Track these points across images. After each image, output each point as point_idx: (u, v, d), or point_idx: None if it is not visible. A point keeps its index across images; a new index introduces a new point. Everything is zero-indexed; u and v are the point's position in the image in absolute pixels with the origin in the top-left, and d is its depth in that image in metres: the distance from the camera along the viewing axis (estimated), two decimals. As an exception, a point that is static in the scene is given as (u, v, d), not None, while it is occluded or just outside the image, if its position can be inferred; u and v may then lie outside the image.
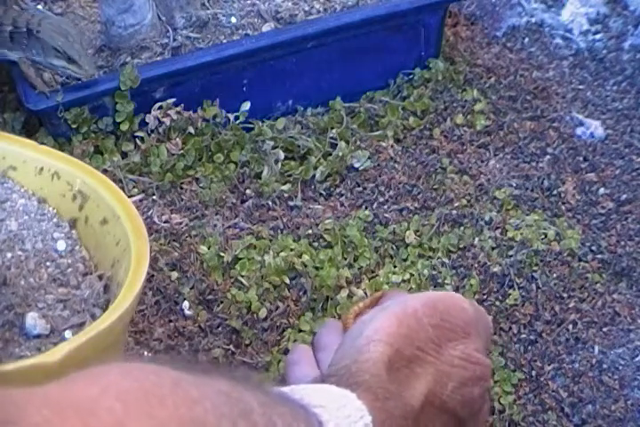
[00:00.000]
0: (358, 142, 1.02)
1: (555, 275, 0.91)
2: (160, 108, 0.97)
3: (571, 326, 0.88)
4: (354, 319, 0.82)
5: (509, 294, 0.89)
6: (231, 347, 0.85)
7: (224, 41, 1.02)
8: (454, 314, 0.68)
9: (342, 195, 0.98)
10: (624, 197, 1.00)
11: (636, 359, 0.86)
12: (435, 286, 0.89)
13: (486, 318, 0.72)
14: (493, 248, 0.92)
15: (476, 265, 0.91)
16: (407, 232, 0.93)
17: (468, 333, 0.67)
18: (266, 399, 0.49)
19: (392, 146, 1.02)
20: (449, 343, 0.66)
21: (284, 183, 0.98)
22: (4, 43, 0.95)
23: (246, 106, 1.01)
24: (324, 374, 0.63)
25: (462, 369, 0.66)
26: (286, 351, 0.85)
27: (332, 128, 1.02)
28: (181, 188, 0.97)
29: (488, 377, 0.69)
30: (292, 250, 0.90)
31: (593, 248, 0.94)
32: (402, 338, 0.64)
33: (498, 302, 0.89)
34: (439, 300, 0.68)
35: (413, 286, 0.89)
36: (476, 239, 0.93)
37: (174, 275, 0.88)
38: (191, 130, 0.97)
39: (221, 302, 0.87)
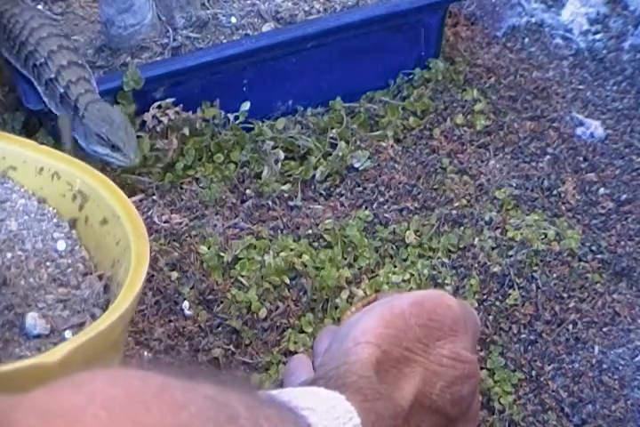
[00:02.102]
0: (358, 142, 1.02)
1: (555, 275, 0.91)
2: (159, 107, 0.97)
3: (571, 326, 0.88)
4: None
5: (509, 294, 0.89)
6: (231, 347, 0.85)
7: (224, 41, 1.02)
8: (441, 313, 0.67)
9: (342, 195, 0.98)
10: (624, 197, 1.00)
11: (636, 359, 0.86)
12: (435, 286, 0.89)
13: (473, 314, 0.72)
14: (493, 248, 0.92)
15: (476, 265, 0.91)
16: (407, 232, 0.93)
17: (455, 331, 0.67)
18: (252, 403, 0.49)
19: (392, 146, 1.02)
20: (437, 342, 0.66)
21: (284, 183, 0.98)
22: (52, 97, 0.94)
23: (246, 106, 1.01)
24: (312, 378, 0.63)
25: (451, 368, 0.66)
26: (286, 352, 0.85)
27: (332, 128, 1.02)
28: (181, 188, 0.97)
29: (477, 375, 0.69)
30: (292, 250, 0.90)
31: (593, 248, 0.94)
32: (389, 339, 0.64)
33: (498, 302, 0.89)
34: (426, 299, 0.68)
35: (413, 286, 0.89)
36: (476, 239, 0.93)
37: (174, 275, 0.88)
38: (190, 129, 0.97)
39: (221, 302, 0.87)
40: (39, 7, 1.06)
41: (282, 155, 0.99)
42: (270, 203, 0.96)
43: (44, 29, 0.95)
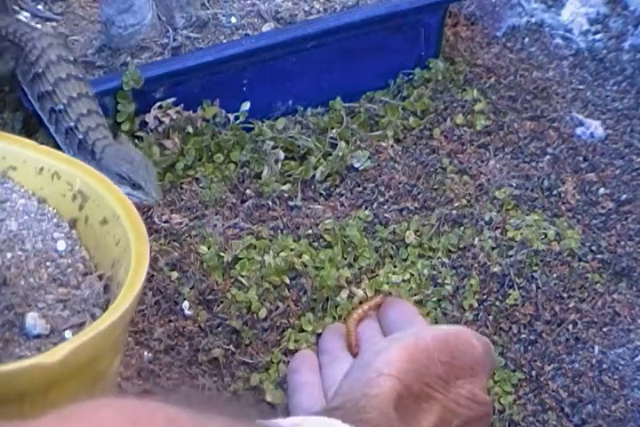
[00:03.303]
0: (358, 142, 1.02)
1: (555, 275, 0.91)
2: (160, 107, 0.97)
3: (571, 326, 0.88)
4: (356, 325, 0.83)
5: (509, 294, 0.89)
6: (231, 347, 0.85)
7: (224, 41, 1.02)
8: (464, 351, 0.67)
9: (342, 195, 0.98)
10: (624, 197, 1.00)
11: (636, 359, 0.86)
12: (435, 286, 0.89)
13: (493, 354, 0.72)
14: (493, 248, 0.92)
15: (476, 265, 0.91)
16: (407, 232, 0.93)
17: (475, 371, 0.67)
18: None
19: (392, 146, 1.02)
20: (457, 381, 0.66)
21: (284, 183, 0.98)
22: (70, 144, 0.92)
23: (246, 106, 1.01)
24: (331, 407, 0.62)
25: (467, 409, 0.66)
26: (287, 352, 0.85)
27: (332, 128, 1.02)
28: (181, 188, 0.97)
29: (489, 417, 0.69)
30: (292, 250, 0.90)
31: (593, 248, 0.94)
32: (412, 373, 0.64)
33: (498, 302, 0.89)
34: (451, 336, 0.68)
35: (413, 286, 0.89)
36: (476, 239, 0.93)
37: (174, 275, 0.88)
38: (190, 129, 0.97)
39: (221, 302, 0.87)
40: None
41: (282, 155, 0.99)
42: (270, 203, 0.96)
43: (62, 67, 0.92)
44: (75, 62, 0.94)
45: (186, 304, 0.87)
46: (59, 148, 0.94)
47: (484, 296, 0.89)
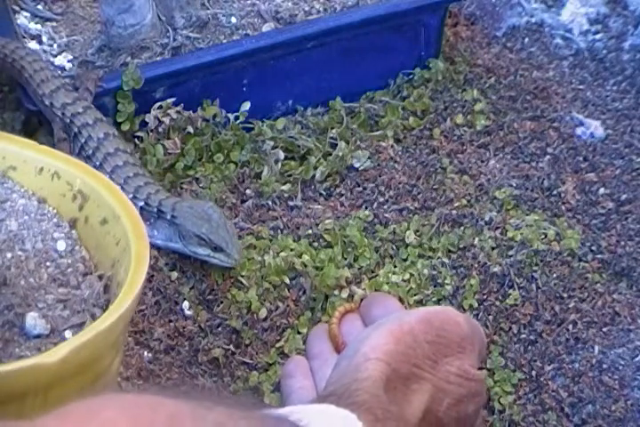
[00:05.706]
0: (358, 142, 1.02)
1: (555, 275, 0.91)
2: (160, 107, 0.97)
3: (571, 326, 0.88)
4: (338, 322, 0.83)
5: (509, 294, 0.89)
6: (231, 347, 0.85)
7: (224, 41, 1.02)
8: (449, 329, 0.68)
9: (342, 195, 0.98)
10: (624, 197, 1.00)
11: (636, 359, 0.86)
12: (435, 286, 0.89)
13: (480, 331, 0.72)
14: (493, 248, 0.92)
15: (476, 265, 0.91)
16: (407, 232, 0.93)
17: (463, 347, 0.67)
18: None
19: (392, 146, 1.02)
20: (445, 359, 0.66)
21: (284, 183, 0.98)
22: None
23: (246, 106, 1.01)
24: (323, 395, 0.63)
25: (458, 386, 0.66)
26: (286, 352, 0.85)
27: (332, 128, 1.02)
28: (181, 188, 0.97)
29: (483, 393, 0.69)
30: (292, 250, 0.90)
31: (593, 248, 0.94)
32: (399, 356, 0.64)
33: (498, 302, 0.89)
34: (434, 315, 0.68)
35: (413, 286, 0.89)
36: (476, 239, 0.93)
37: (174, 275, 0.88)
38: (190, 129, 0.97)
39: (221, 302, 0.87)
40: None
41: (282, 155, 0.99)
42: (270, 203, 0.96)
43: (119, 157, 0.90)
44: (131, 155, 0.92)
45: (186, 304, 0.87)
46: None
47: (484, 296, 0.89)
